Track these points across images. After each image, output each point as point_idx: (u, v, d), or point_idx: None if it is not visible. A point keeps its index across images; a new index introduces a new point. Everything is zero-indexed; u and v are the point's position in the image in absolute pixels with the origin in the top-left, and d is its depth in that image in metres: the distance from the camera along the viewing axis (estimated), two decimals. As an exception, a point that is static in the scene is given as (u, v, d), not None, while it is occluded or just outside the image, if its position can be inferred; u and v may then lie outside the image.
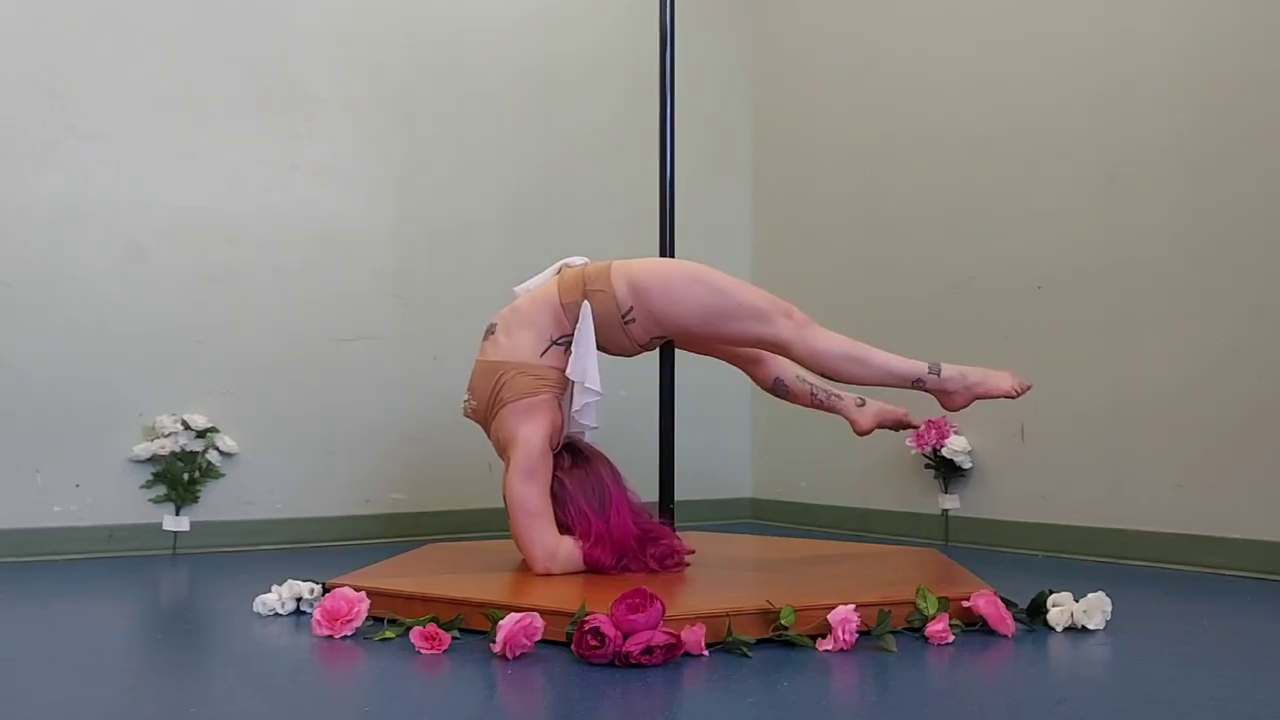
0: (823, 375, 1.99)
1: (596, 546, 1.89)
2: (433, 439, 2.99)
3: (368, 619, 1.69)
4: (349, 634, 1.64)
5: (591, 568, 1.90)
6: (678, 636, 1.44)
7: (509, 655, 1.46)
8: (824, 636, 1.54)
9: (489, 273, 3.08)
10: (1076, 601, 1.69)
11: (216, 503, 2.75)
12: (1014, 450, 2.72)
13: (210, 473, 2.73)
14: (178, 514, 2.69)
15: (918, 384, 1.98)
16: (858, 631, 1.54)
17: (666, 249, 2.27)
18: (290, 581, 1.85)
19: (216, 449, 2.73)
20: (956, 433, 2.79)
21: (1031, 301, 2.71)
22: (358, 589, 1.74)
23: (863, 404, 2.20)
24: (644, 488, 2.08)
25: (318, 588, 1.85)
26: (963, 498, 2.82)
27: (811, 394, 2.18)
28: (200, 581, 2.31)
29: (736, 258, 3.52)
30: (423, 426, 2.99)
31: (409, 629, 1.59)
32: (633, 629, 1.42)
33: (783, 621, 1.54)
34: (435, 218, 3.08)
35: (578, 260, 2.09)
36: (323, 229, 2.92)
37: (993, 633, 1.63)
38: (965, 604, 1.65)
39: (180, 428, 2.68)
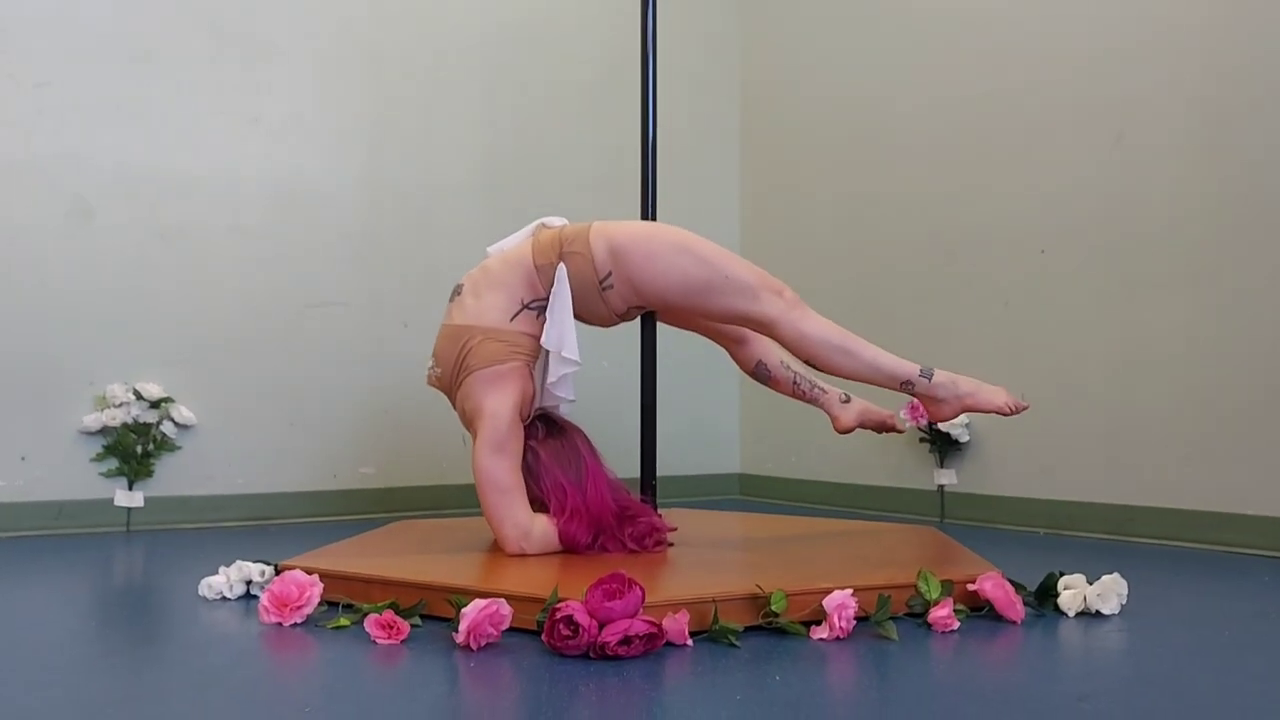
0: (807, 363, 1.85)
1: (572, 521, 1.76)
2: (403, 410, 2.84)
3: (322, 604, 1.55)
4: (299, 621, 1.50)
5: (567, 545, 1.76)
6: (659, 625, 1.31)
7: (473, 646, 1.33)
8: (818, 624, 1.41)
9: (461, 235, 2.93)
10: (1090, 584, 1.57)
11: (172, 477, 2.60)
12: (1014, 423, 2.57)
13: (165, 445, 2.58)
14: (131, 489, 2.54)
15: (906, 386, 1.84)
16: (855, 618, 1.41)
17: (648, 215, 2.11)
18: (239, 563, 1.71)
19: (172, 420, 2.58)
20: (953, 404, 2.66)
21: (1034, 266, 2.57)
22: (310, 571, 1.60)
23: (847, 400, 2.06)
24: (625, 463, 1.95)
25: (269, 570, 1.71)
26: (960, 472, 2.70)
27: (794, 383, 2.04)
28: (152, 561, 2.17)
29: (723, 224, 3.37)
30: (393, 397, 2.84)
31: (366, 615, 1.46)
32: (609, 617, 1.29)
33: (773, 607, 1.41)
34: (405, 177, 2.92)
35: (556, 221, 1.94)
36: (284, 187, 2.76)
37: (1000, 618, 1.50)
38: (970, 587, 1.53)
39: (132, 397, 2.52)
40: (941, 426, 2.65)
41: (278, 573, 1.69)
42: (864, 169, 3.02)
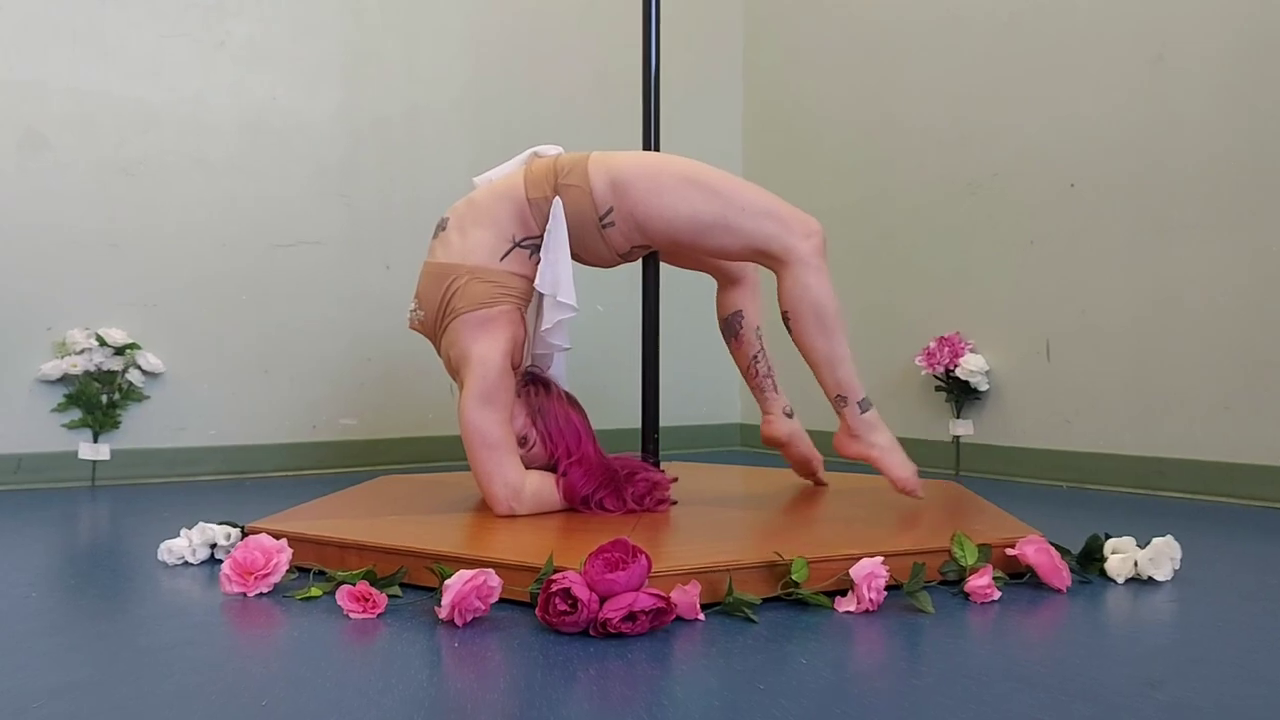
0: (784, 317, 1.66)
1: (577, 468, 1.61)
2: (387, 357, 2.68)
3: (293, 570, 1.41)
4: (266, 591, 1.35)
5: (567, 497, 1.62)
6: (667, 599, 1.16)
7: (458, 622, 1.18)
8: (843, 594, 1.27)
9: (447, 168, 2.74)
10: (1140, 547, 1.42)
11: (141, 429, 2.44)
12: (1037, 370, 2.44)
13: (132, 394, 2.42)
14: (96, 441, 2.39)
15: (840, 400, 1.67)
16: (885, 588, 1.26)
17: (650, 146, 1.93)
18: (202, 524, 1.56)
19: (138, 368, 2.42)
20: (972, 350, 2.51)
21: (1062, 202, 2.40)
22: (279, 535, 1.45)
23: (790, 415, 1.92)
24: (620, 416, 1.79)
25: (235, 532, 1.56)
26: (977, 423, 2.55)
27: (755, 357, 1.90)
28: (117, 519, 2.01)
29: (721, 156, 3.18)
30: (376, 343, 2.67)
31: (339, 586, 1.31)
32: (611, 590, 1.14)
33: (794, 577, 1.26)
34: (385, 105, 2.72)
35: (551, 150, 1.76)
36: (254, 117, 2.56)
37: (1042, 585, 1.36)
38: (1010, 552, 1.38)
39: (95, 343, 2.35)
40: (959, 374, 2.49)
41: (244, 536, 1.55)
42: (877, 95, 2.82)
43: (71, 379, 2.35)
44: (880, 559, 1.25)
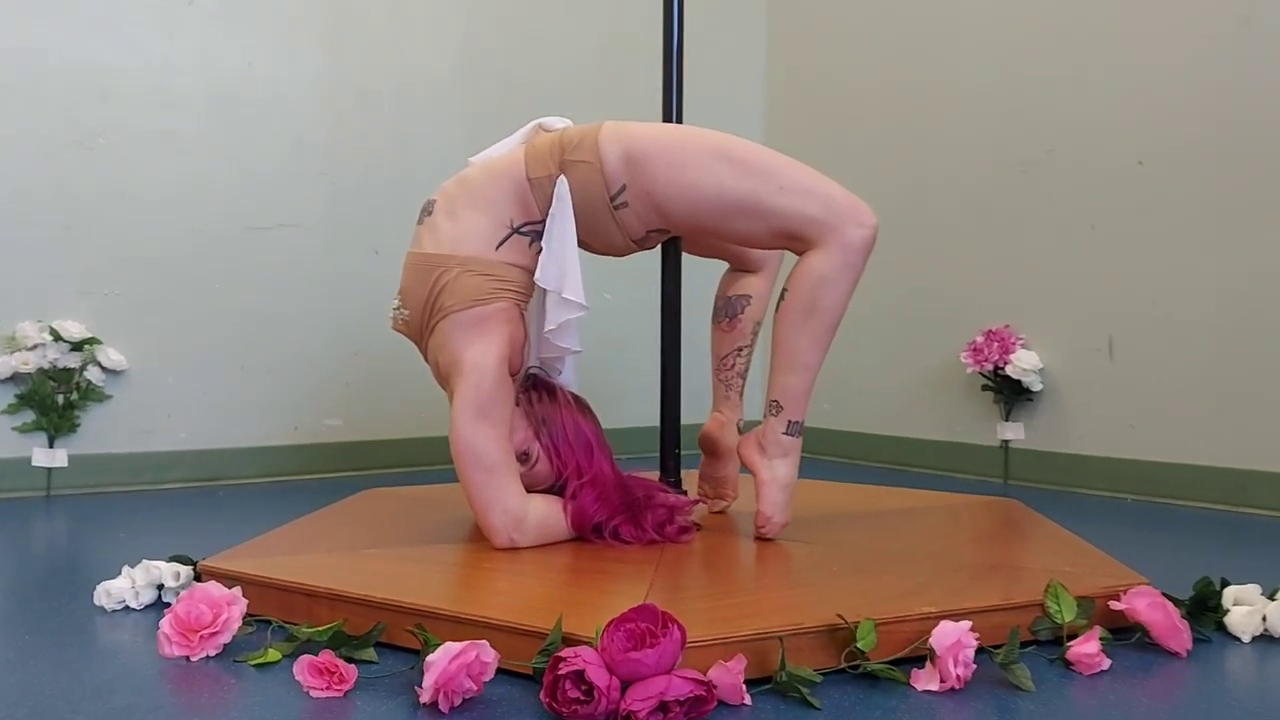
0: (780, 300, 1.40)
1: (589, 490, 1.38)
2: (375, 352, 2.44)
3: (250, 621, 1.17)
4: (213, 654, 1.11)
5: (577, 524, 1.39)
6: (708, 683, 0.92)
7: (443, 707, 0.94)
8: (920, 664, 1.03)
9: (439, 145, 2.49)
10: (1269, 597, 1.19)
11: (102, 432, 2.20)
12: (1097, 369, 2.19)
13: (92, 394, 2.18)
14: (51, 446, 2.15)
15: (775, 406, 1.42)
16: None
17: (671, 118, 1.67)
18: (146, 563, 1.32)
19: (98, 365, 2.18)
20: (1024, 346, 2.26)
21: (1128, 181, 2.15)
22: (235, 578, 1.21)
23: (740, 430, 1.65)
24: (632, 418, 1.54)
25: (186, 571, 1.32)
26: (1029, 426, 2.31)
27: (739, 351, 1.65)
28: (70, 535, 1.79)
29: (741, 125, 2.92)
30: (362, 336, 2.43)
31: (303, 645, 1.08)
32: (637, 673, 0.90)
33: (860, 645, 1.02)
34: (370, 75, 2.47)
35: (558, 123, 1.51)
36: (225, 87, 2.31)
37: (1150, 643, 1.12)
38: (1115, 605, 1.14)
39: (49, 338, 2.12)
40: (1009, 372, 2.25)
41: (198, 576, 1.32)
42: (916, 61, 2.56)
43: (23, 378, 2.12)
44: (969, 626, 1.01)
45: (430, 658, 0.94)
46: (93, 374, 2.17)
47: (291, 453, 2.38)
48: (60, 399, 2.15)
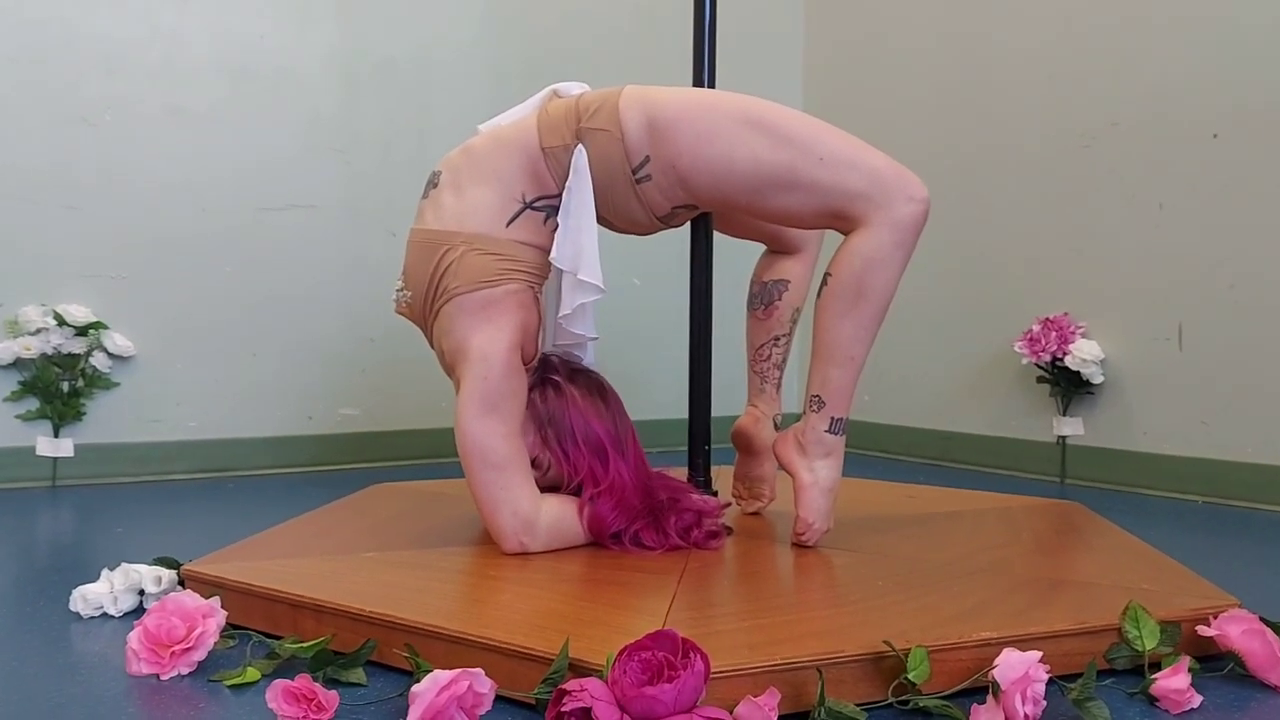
0: (823, 282, 1.27)
1: (606, 497, 1.25)
2: (392, 337, 2.33)
3: (230, 631, 1.06)
4: (187, 671, 1.00)
5: (593, 530, 1.27)
6: (734, 725, 0.79)
7: (430, 745, 0.82)
8: (980, 698, 0.89)
9: (459, 121, 2.37)
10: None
11: (109, 421, 2.12)
12: (1165, 360, 2.03)
13: (98, 382, 2.10)
14: (56, 435, 2.07)
15: (815, 401, 1.28)
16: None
17: (703, 84, 1.53)
18: (125, 566, 1.22)
19: (105, 351, 2.10)
20: (1084, 335, 2.10)
21: (1202, 155, 1.98)
22: (217, 584, 1.11)
23: (776, 425, 1.53)
24: (661, 412, 1.42)
25: (169, 576, 1.22)
26: (1088, 422, 2.15)
27: (776, 340, 1.52)
28: (75, 527, 1.71)
29: (779, 90, 2.77)
30: (379, 323, 2.33)
31: (285, 664, 0.97)
32: (652, 712, 0.78)
33: (911, 677, 0.89)
34: (388, 45, 2.36)
35: (574, 88, 1.38)
36: (235, 59, 2.21)
37: (1245, 675, 0.98)
38: (1203, 631, 1.00)
39: (53, 322, 2.04)
40: (1068, 363, 2.09)
41: (181, 582, 1.21)
42: (967, 24, 2.40)
43: (26, 364, 2.04)
44: (1038, 655, 0.87)
45: (416, 688, 0.83)
46: (98, 360, 2.09)
47: (304, 443, 2.29)
48: (65, 386, 2.07)
